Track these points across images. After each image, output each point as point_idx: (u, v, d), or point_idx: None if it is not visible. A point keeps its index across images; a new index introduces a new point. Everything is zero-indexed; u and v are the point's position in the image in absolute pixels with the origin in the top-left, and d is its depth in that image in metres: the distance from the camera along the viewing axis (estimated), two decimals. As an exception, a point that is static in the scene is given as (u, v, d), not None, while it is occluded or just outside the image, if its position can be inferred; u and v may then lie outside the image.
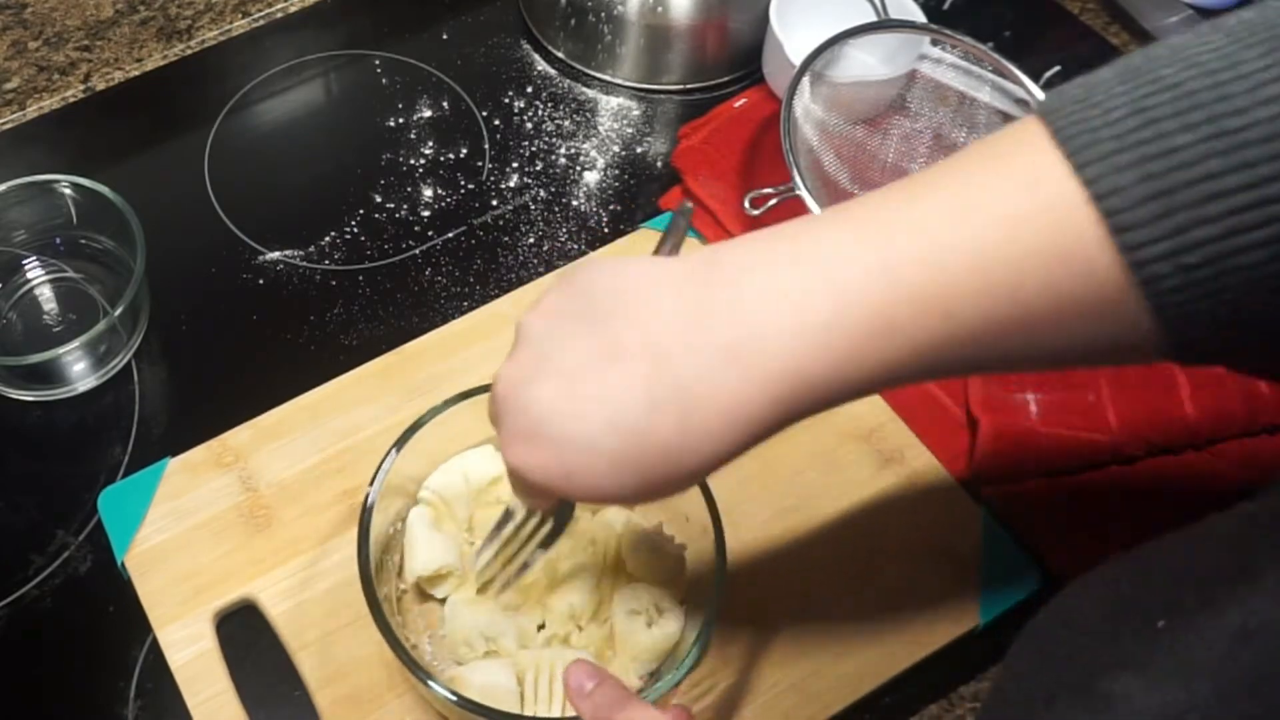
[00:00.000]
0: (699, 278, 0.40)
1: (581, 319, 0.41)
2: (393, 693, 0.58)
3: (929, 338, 0.37)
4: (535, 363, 0.42)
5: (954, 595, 0.61)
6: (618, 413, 0.39)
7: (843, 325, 0.37)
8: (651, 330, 0.39)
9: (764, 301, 0.38)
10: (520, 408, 0.42)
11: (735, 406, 0.38)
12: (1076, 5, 0.90)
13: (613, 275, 0.42)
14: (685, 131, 0.80)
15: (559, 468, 0.41)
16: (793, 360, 0.37)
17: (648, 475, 0.40)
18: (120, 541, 0.62)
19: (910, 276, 0.36)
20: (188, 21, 0.87)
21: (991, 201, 0.36)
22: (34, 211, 0.72)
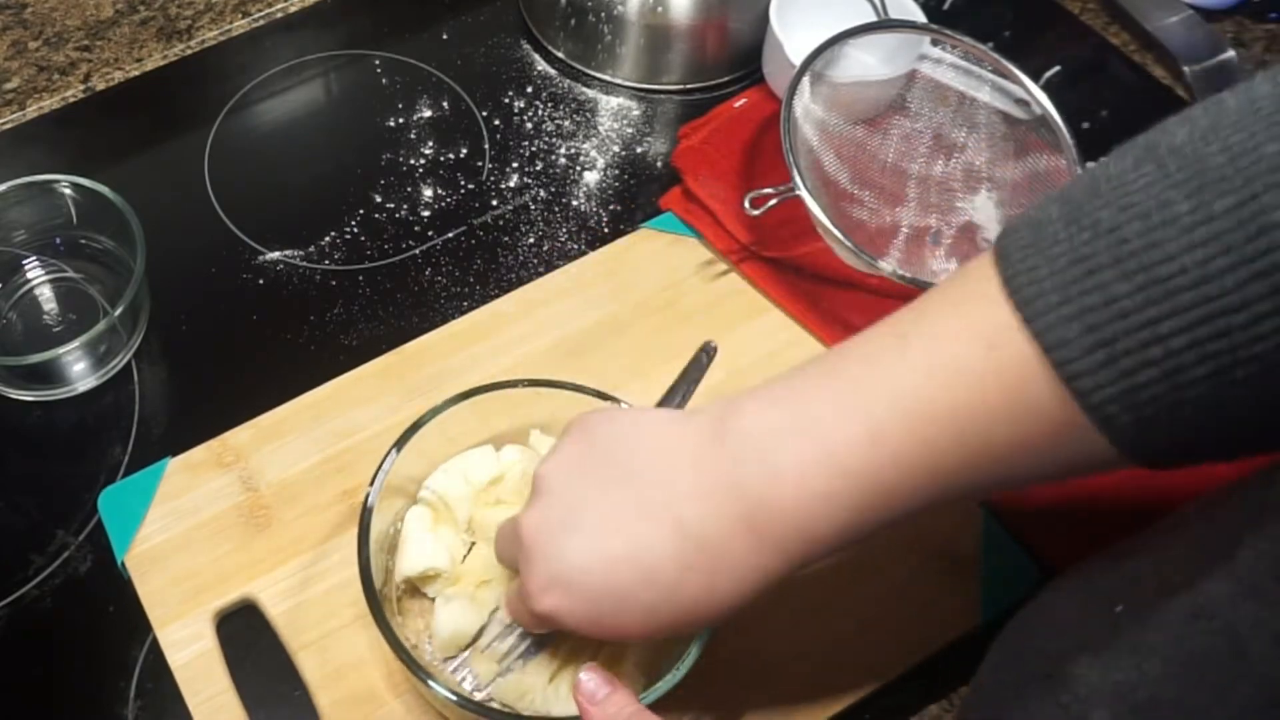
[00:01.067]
0: (711, 446, 0.43)
1: (604, 474, 0.45)
2: (393, 693, 0.58)
3: (918, 493, 0.41)
4: (562, 515, 0.45)
5: (954, 595, 0.61)
6: (650, 571, 0.43)
7: (840, 494, 0.41)
8: (673, 495, 0.43)
9: (769, 476, 0.41)
10: (552, 556, 0.45)
11: (753, 567, 0.43)
12: (1076, 5, 0.90)
13: (633, 431, 0.45)
14: (685, 131, 0.80)
15: (592, 616, 0.44)
16: (799, 528, 0.42)
17: (674, 623, 0.44)
18: (120, 541, 0.62)
19: (895, 444, 0.39)
20: (188, 21, 0.87)
21: (958, 362, 0.38)
22: (34, 211, 0.72)
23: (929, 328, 0.40)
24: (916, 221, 0.74)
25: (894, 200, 0.74)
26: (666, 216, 0.76)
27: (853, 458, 0.40)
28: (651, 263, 0.73)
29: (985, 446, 0.38)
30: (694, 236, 0.75)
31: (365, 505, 0.54)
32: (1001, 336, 0.37)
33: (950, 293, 0.40)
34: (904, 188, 0.75)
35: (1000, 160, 0.74)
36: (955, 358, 0.38)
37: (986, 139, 0.74)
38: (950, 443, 0.39)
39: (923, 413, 0.39)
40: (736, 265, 0.73)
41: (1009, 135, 0.73)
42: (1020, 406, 0.37)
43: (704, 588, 0.43)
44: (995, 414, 0.37)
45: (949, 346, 0.38)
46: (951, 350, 0.38)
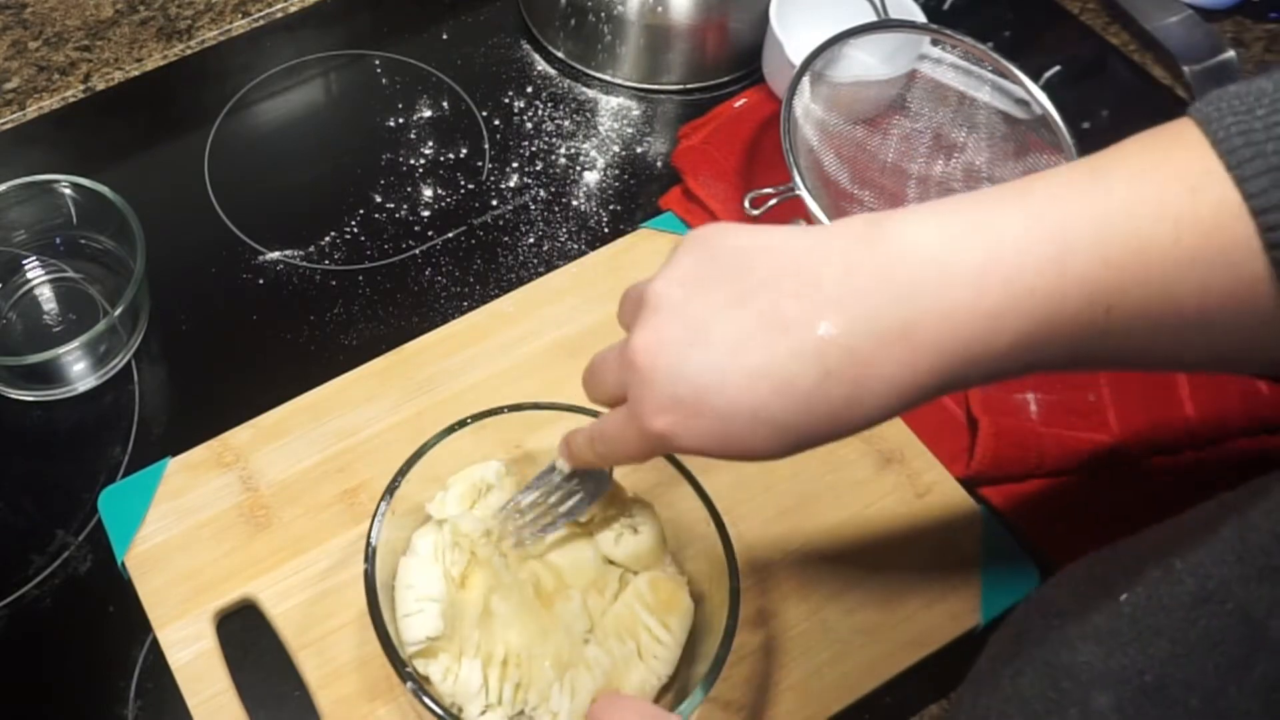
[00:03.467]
0: (865, 250, 0.40)
1: (731, 287, 0.41)
2: (393, 692, 0.58)
3: (1088, 330, 0.38)
4: (684, 331, 0.41)
5: (954, 595, 0.61)
6: (787, 383, 0.39)
7: (1013, 312, 0.38)
8: (817, 302, 0.39)
9: (937, 280, 0.38)
10: (675, 377, 0.41)
11: (907, 378, 0.39)
12: (1076, 5, 0.90)
13: (761, 244, 0.42)
14: (685, 131, 0.80)
15: (720, 435, 0.41)
16: (960, 341, 0.38)
17: (808, 437, 0.41)
18: (120, 541, 0.62)
19: (1080, 269, 0.37)
20: (188, 21, 0.87)
21: (1162, 200, 0.36)
22: (34, 211, 0.72)
23: (1128, 166, 0.38)
24: (916, 221, 0.74)
25: (894, 200, 0.74)
26: (666, 216, 0.76)
27: (1037, 276, 0.37)
28: (651, 263, 0.73)
29: (1167, 292, 0.36)
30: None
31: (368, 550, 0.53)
32: (1205, 181, 0.35)
33: (1151, 140, 0.38)
34: (904, 188, 0.75)
35: (1000, 160, 0.74)
36: (1155, 195, 0.36)
37: (986, 139, 0.74)
38: (1136, 281, 0.36)
39: (1118, 242, 0.36)
40: (736, 265, 0.73)
41: (1009, 135, 0.73)
42: (1213, 257, 0.35)
43: (846, 399, 0.39)
44: (1186, 259, 0.36)
45: (1149, 184, 0.37)
46: (1152, 188, 0.37)
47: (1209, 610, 0.37)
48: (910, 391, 0.39)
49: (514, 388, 0.68)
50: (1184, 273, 0.36)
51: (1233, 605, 0.36)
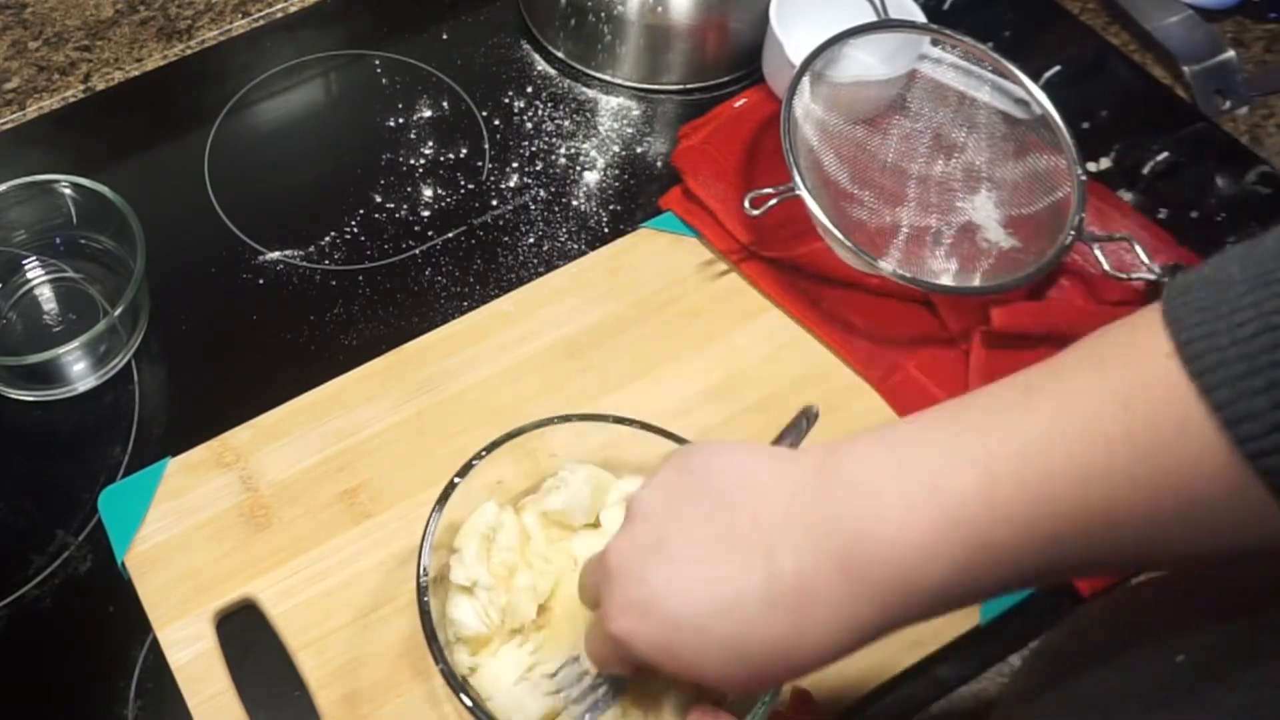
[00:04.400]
0: (813, 481, 0.41)
1: (700, 503, 0.43)
2: (393, 692, 0.58)
3: (1031, 556, 0.37)
4: (652, 541, 0.43)
5: (954, 595, 0.61)
6: (732, 603, 0.40)
7: (944, 544, 0.37)
8: (768, 527, 0.41)
9: (872, 517, 0.39)
10: (635, 581, 0.43)
11: (844, 611, 0.39)
12: (1076, 5, 0.90)
13: (734, 464, 0.43)
14: (685, 131, 0.80)
15: (666, 645, 0.42)
16: (898, 575, 0.38)
17: (753, 666, 0.41)
18: (120, 541, 0.62)
19: (1009, 500, 0.36)
20: (188, 21, 0.87)
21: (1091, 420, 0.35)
22: (34, 211, 0.72)
23: (1060, 383, 0.37)
24: (916, 221, 0.74)
25: (894, 200, 0.74)
26: (666, 216, 0.76)
27: (963, 508, 0.37)
28: (651, 263, 0.73)
29: (1110, 514, 0.35)
30: (694, 236, 0.75)
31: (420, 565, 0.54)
32: (1139, 396, 0.34)
33: (1089, 350, 0.37)
34: (904, 188, 0.75)
35: (1000, 160, 0.74)
36: (1086, 414, 0.35)
37: (986, 139, 0.74)
38: (1071, 506, 0.35)
39: (1044, 471, 0.36)
40: (736, 265, 0.73)
41: (1009, 135, 0.73)
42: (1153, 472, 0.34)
43: (788, 627, 0.40)
44: (1122, 477, 0.34)
45: (1080, 402, 0.36)
46: (1082, 406, 0.36)
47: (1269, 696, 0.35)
48: (854, 624, 0.39)
49: (514, 388, 0.68)
50: (1125, 491, 0.35)
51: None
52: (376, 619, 0.60)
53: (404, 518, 0.63)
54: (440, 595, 0.56)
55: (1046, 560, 0.37)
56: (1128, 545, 0.36)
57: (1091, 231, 0.69)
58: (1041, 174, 0.72)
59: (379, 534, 0.62)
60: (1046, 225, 0.70)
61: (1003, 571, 0.38)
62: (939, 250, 0.73)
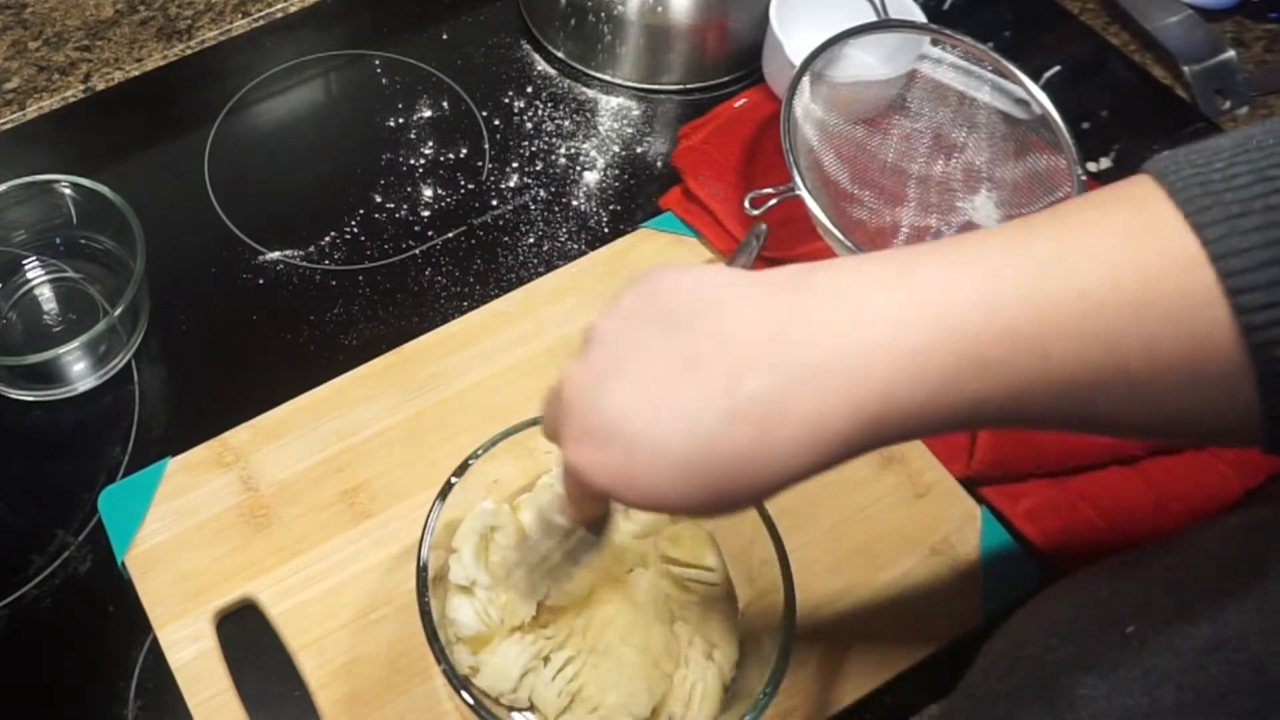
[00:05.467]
0: (786, 292, 0.39)
1: (660, 324, 0.40)
2: (393, 692, 0.58)
3: (1023, 377, 0.36)
4: (609, 364, 0.41)
5: (954, 595, 0.61)
6: (693, 418, 0.38)
7: (937, 352, 0.36)
8: (735, 341, 0.38)
9: (857, 321, 0.37)
10: (590, 408, 0.41)
11: (819, 422, 0.37)
12: (1076, 5, 0.90)
13: (694, 283, 0.41)
14: (685, 131, 0.80)
15: (624, 470, 0.40)
16: (882, 382, 0.36)
17: (715, 485, 0.39)
18: (120, 541, 0.62)
19: (1010, 313, 0.35)
20: (188, 21, 0.87)
21: (1100, 248, 0.35)
22: (34, 211, 0.72)
23: (1064, 221, 0.36)
24: (916, 221, 0.74)
25: (894, 200, 0.74)
26: (666, 216, 0.76)
27: (961, 317, 0.35)
28: (651, 263, 0.73)
29: (1107, 345, 0.35)
30: (694, 236, 0.75)
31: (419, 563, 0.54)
32: (1148, 232, 0.34)
33: (1091, 199, 0.37)
34: (904, 188, 0.75)
35: (1000, 160, 0.74)
36: (1095, 244, 0.35)
37: (986, 139, 0.74)
38: (1072, 329, 0.35)
39: (1051, 288, 0.35)
40: (736, 265, 0.73)
41: (1009, 135, 0.73)
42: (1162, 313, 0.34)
43: (753, 442, 0.37)
44: (1129, 308, 0.34)
45: (1087, 235, 0.35)
46: (1091, 237, 0.35)
47: (1221, 658, 0.36)
48: (824, 436, 0.37)
49: (514, 388, 0.68)
50: (1127, 323, 0.34)
51: (1246, 656, 0.35)
52: (376, 619, 0.60)
53: (404, 518, 0.63)
54: (440, 595, 0.56)
55: (1037, 385, 0.36)
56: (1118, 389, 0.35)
57: (1091, 231, 0.69)
58: (1041, 174, 0.72)
59: (379, 534, 0.62)
60: (1046, 225, 0.70)
61: (991, 391, 0.36)
62: (939, 250, 0.73)
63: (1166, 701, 0.37)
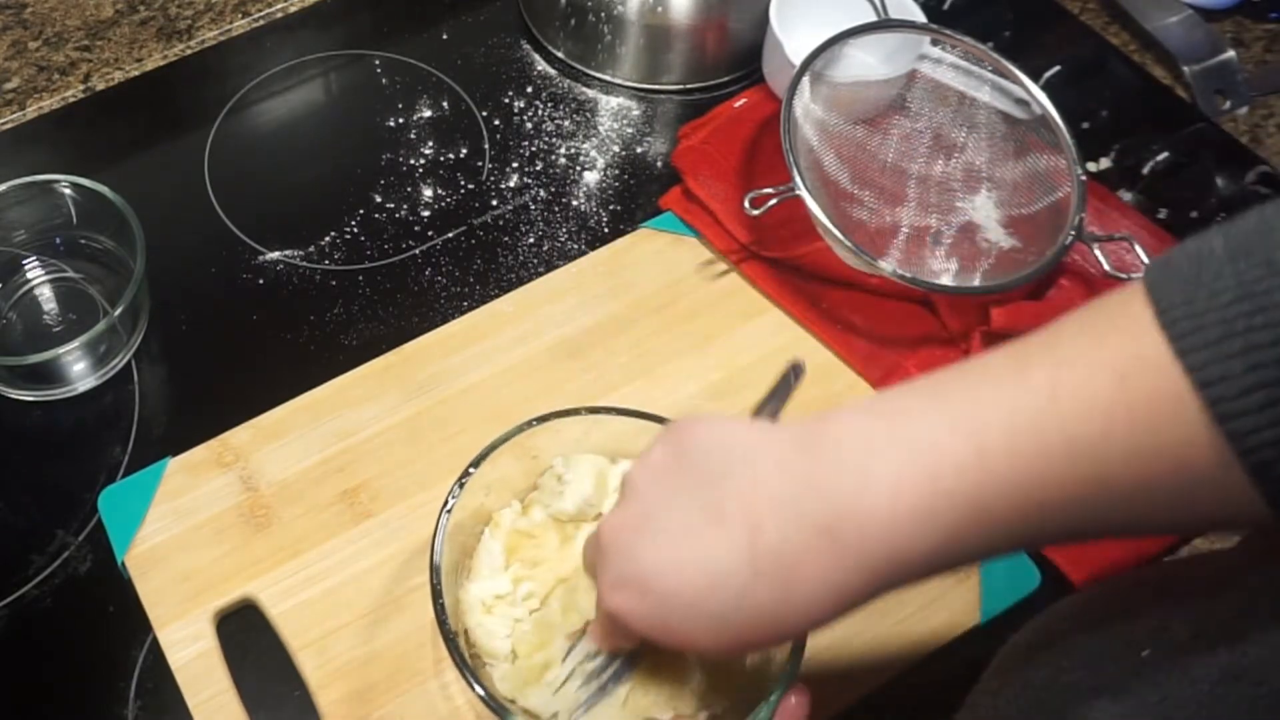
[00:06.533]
0: (800, 453, 0.41)
1: (687, 478, 0.43)
2: (393, 692, 0.58)
3: (1021, 525, 0.37)
4: (642, 517, 0.44)
5: (954, 595, 0.61)
6: (721, 576, 0.41)
7: (936, 514, 0.37)
8: (753, 500, 0.41)
9: (860, 486, 0.39)
10: (627, 558, 0.44)
11: (831, 581, 0.39)
12: (1076, 5, 0.90)
13: (721, 439, 0.43)
14: (685, 131, 0.80)
15: (659, 619, 0.43)
16: (886, 544, 0.38)
17: (744, 635, 0.42)
18: (120, 541, 0.62)
19: (1003, 470, 0.36)
20: (188, 21, 0.87)
21: (1089, 390, 0.35)
22: (34, 211, 0.72)
23: (1056, 355, 0.37)
24: (916, 221, 0.74)
25: (894, 200, 0.74)
26: (666, 216, 0.76)
27: (955, 478, 0.37)
28: (651, 263, 0.73)
29: (1102, 485, 0.35)
30: (694, 236, 0.75)
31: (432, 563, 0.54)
32: (1137, 368, 0.34)
33: (1086, 321, 0.37)
34: (904, 188, 0.75)
35: (1000, 160, 0.74)
36: (1082, 386, 0.35)
37: (986, 139, 0.74)
38: (1064, 476, 0.36)
39: (1038, 440, 0.36)
40: (736, 265, 0.73)
41: (1009, 135, 0.73)
42: (1149, 445, 0.34)
43: (776, 598, 0.40)
44: (1118, 450, 0.35)
45: (1077, 374, 0.36)
46: (1079, 378, 0.36)
47: (1239, 690, 0.36)
48: (840, 591, 0.40)
49: (514, 388, 0.68)
50: (1119, 465, 0.35)
51: (1267, 690, 0.35)
52: (377, 619, 0.60)
53: (404, 518, 0.63)
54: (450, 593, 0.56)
55: (1037, 526, 0.37)
56: (1117, 514, 0.36)
57: (1091, 231, 0.69)
58: (1041, 174, 0.72)
59: (379, 534, 0.62)
60: (1046, 225, 0.70)
61: (993, 538, 0.38)
62: (939, 250, 0.73)
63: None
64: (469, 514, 0.57)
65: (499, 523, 0.58)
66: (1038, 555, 0.63)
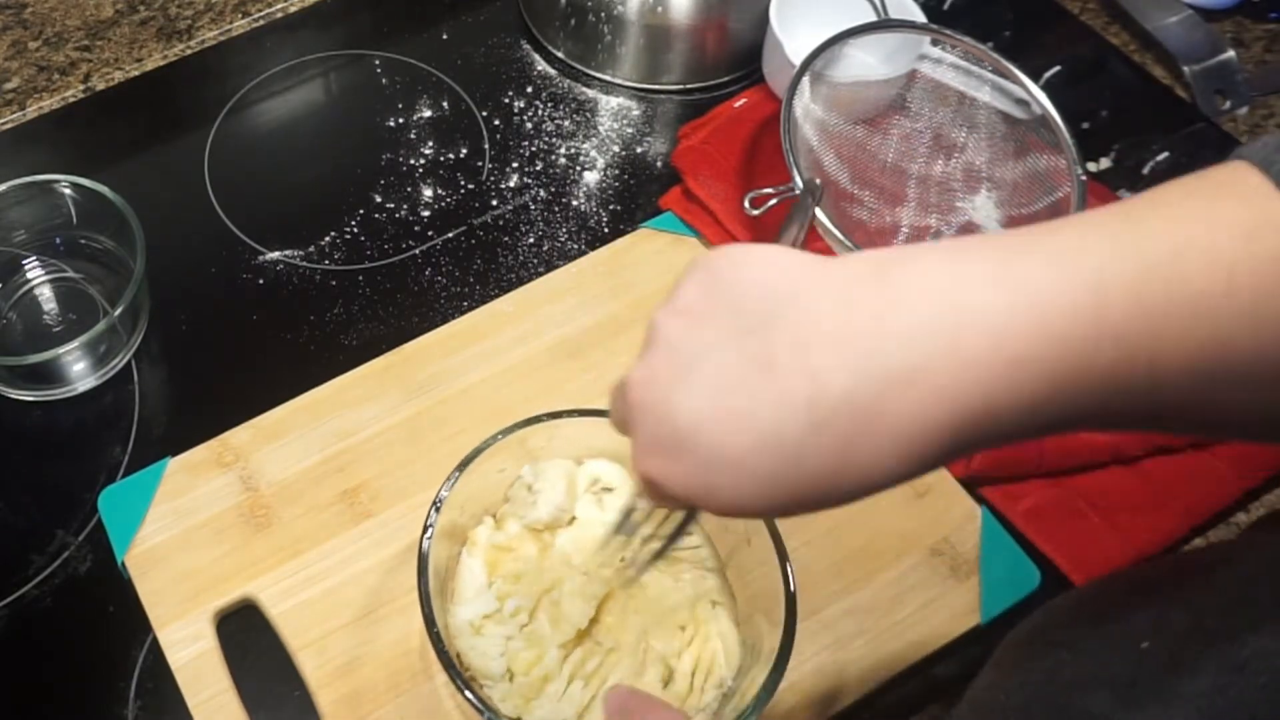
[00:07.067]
0: (869, 282, 0.36)
1: (728, 323, 0.38)
2: (392, 693, 0.58)
3: (1130, 383, 0.34)
4: (677, 369, 0.39)
5: (954, 595, 0.61)
6: (772, 432, 0.36)
7: (1044, 361, 0.34)
8: (811, 343, 0.36)
9: (955, 324, 0.34)
10: (661, 417, 0.39)
11: (910, 433, 0.35)
12: (1076, 5, 0.90)
13: (763, 272, 0.38)
14: (685, 131, 0.80)
15: (702, 483, 0.38)
16: (982, 392, 0.34)
17: (799, 496, 0.37)
18: (120, 541, 0.62)
19: (1119, 318, 0.33)
20: (188, 21, 0.87)
21: (1209, 247, 0.33)
22: (34, 211, 0.72)
23: (1170, 211, 0.34)
24: (916, 221, 0.74)
25: (894, 200, 0.74)
26: (666, 216, 0.76)
27: (1067, 324, 0.33)
28: (651, 263, 0.73)
29: (1221, 346, 0.33)
30: (694, 236, 0.75)
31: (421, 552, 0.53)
32: (1265, 229, 0.33)
33: (1190, 190, 0.35)
34: (904, 188, 0.75)
35: (1000, 160, 0.74)
36: (1207, 240, 0.33)
37: (986, 139, 0.74)
38: (1182, 332, 0.33)
39: (1161, 289, 0.33)
40: (736, 265, 0.73)
41: (1009, 135, 0.73)
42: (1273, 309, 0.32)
43: (837, 454, 0.35)
44: (1243, 311, 0.33)
45: (1199, 229, 0.33)
46: (1202, 233, 0.33)
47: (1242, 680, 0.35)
48: (916, 448, 0.35)
49: (514, 388, 0.68)
50: (1239, 326, 0.33)
51: (1268, 679, 0.35)
52: (376, 619, 0.60)
53: (404, 518, 0.63)
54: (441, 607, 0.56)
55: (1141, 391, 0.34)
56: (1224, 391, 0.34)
57: (1091, 231, 0.69)
58: (1041, 174, 0.72)
59: (379, 534, 0.62)
60: (1046, 225, 0.70)
61: (1094, 397, 0.34)
62: (939, 250, 0.73)
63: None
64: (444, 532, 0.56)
65: (475, 540, 0.58)
66: (1038, 555, 0.63)
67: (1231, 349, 0.33)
